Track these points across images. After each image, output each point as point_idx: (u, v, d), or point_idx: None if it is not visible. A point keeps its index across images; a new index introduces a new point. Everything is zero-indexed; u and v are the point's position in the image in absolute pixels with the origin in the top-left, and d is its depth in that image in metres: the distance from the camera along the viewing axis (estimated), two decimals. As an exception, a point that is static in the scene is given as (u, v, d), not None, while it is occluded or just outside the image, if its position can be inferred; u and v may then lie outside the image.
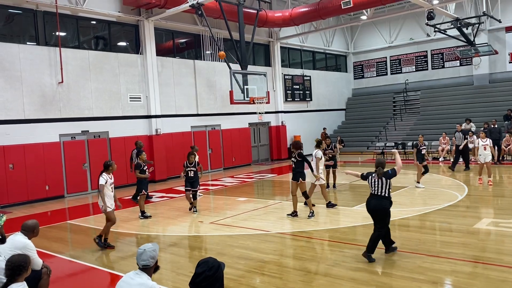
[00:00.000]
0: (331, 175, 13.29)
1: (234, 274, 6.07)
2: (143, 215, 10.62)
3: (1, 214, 4.70)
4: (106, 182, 7.96)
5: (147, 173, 10.83)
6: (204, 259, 3.09)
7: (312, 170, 9.90)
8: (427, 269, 5.91)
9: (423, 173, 12.88)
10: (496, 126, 18.25)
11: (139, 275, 3.48)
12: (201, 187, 13.69)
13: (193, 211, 10.81)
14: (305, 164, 9.55)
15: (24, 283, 3.79)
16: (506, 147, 17.49)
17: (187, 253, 7.43)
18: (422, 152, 13.05)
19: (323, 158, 10.89)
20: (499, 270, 5.71)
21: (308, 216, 9.44)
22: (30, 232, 5.12)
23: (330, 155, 12.95)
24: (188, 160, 10.86)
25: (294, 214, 9.67)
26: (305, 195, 9.65)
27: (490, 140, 13.22)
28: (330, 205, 10.42)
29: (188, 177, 10.76)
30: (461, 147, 15.76)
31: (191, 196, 10.84)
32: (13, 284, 3.66)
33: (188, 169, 10.78)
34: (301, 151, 9.66)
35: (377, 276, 5.97)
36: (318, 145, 10.76)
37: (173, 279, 6.21)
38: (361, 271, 6.03)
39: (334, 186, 13.40)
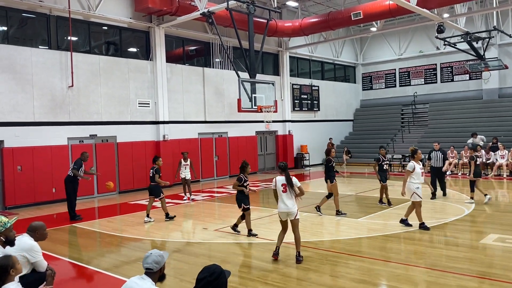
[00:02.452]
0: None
1: (237, 282, 6.05)
2: (168, 217, 10.91)
3: (15, 217, 4.71)
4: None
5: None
6: (208, 265, 3.10)
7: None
8: (432, 283, 5.85)
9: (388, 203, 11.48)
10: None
11: (143, 280, 3.48)
12: (194, 194, 14.63)
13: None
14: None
15: (18, 283, 3.77)
16: None
17: (191, 259, 7.42)
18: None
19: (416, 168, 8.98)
20: (505, 287, 5.64)
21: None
22: (34, 233, 5.12)
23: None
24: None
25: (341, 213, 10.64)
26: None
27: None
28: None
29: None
30: (444, 168, 13.10)
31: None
32: (6, 285, 3.67)
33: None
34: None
35: (381, 289, 5.92)
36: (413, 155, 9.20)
37: (176, 286, 6.20)
38: (365, 283, 5.99)
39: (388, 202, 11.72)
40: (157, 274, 3.55)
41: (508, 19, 22.55)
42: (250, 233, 8.96)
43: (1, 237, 4.48)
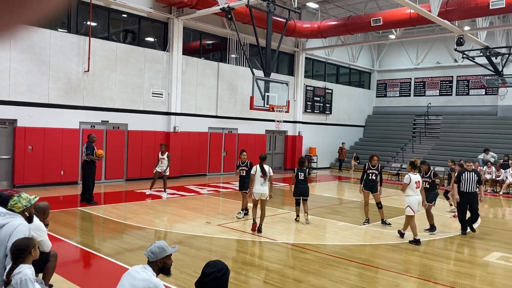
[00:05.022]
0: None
1: (236, 278, 6.08)
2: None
3: (35, 195, 4.79)
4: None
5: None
6: (213, 260, 3.13)
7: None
8: (431, 297, 5.82)
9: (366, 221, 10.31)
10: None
11: (145, 270, 3.51)
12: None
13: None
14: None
15: (31, 266, 3.81)
16: None
17: (192, 252, 7.46)
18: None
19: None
20: (505, 306, 5.59)
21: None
22: (41, 213, 5.18)
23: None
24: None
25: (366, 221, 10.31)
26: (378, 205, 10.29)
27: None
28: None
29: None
30: (481, 197, 9.85)
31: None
32: (22, 265, 3.70)
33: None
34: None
35: (379, 297, 5.91)
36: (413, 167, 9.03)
37: (176, 277, 6.23)
38: (364, 290, 5.97)
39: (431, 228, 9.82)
40: (155, 265, 3.57)
41: (530, 37, 22.27)
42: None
43: (26, 213, 4.59)
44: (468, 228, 9.72)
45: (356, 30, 19.98)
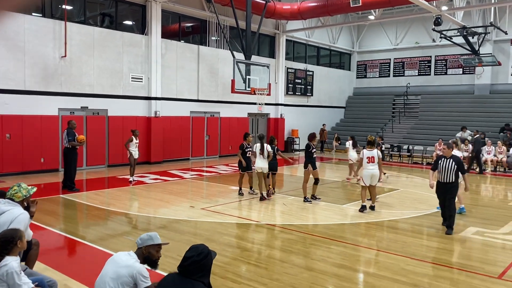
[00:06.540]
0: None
1: (221, 261, 6.18)
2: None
3: (32, 186, 4.83)
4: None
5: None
6: (196, 244, 3.19)
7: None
8: (410, 272, 6.02)
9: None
10: (478, 136, 17.39)
11: (129, 256, 3.56)
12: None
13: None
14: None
15: (18, 258, 3.81)
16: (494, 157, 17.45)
17: (176, 236, 7.52)
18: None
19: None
20: (481, 279, 5.83)
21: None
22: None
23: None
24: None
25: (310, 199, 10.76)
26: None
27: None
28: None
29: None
30: (460, 191, 9.08)
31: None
32: (8, 256, 3.69)
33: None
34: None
35: (360, 274, 6.09)
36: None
37: (160, 261, 6.29)
38: (345, 268, 6.15)
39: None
40: (141, 252, 3.62)
41: (505, 16, 22.60)
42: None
43: (24, 203, 4.62)
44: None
45: (335, 11, 19.97)
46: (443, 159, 8.26)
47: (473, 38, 21.44)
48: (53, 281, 4.29)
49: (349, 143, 14.27)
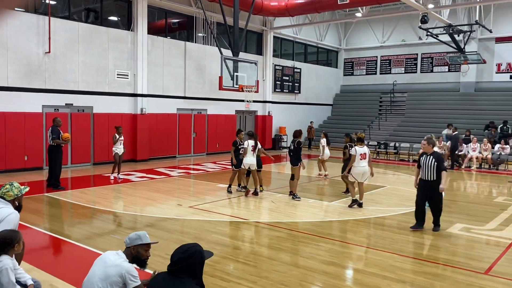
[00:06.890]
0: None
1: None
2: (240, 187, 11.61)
3: (25, 186, 4.73)
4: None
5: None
6: (186, 243, 3.14)
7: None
8: (398, 268, 6.05)
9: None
10: (456, 133, 17.75)
11: (117, 255, 3.49)
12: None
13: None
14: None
15: (13, 257, 3.79)
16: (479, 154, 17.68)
17: (164, 235, 7.44)
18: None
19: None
20: (467, 275, 5.88)
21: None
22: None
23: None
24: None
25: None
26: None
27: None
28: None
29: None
30: (441, 185, 7.99)
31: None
32: (3, 255, 3.67)
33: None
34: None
35: (349, 271, 6.09)
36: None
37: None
38: (334, 265, 6.14)
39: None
40: (129, 251, 3.55)
41: (490, 15, 22.87)
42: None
43: (16, 202, 4.51)
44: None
45: (323, 8, 19.98)
46: (424, 155, 8.08)
47: (458, 36, 21.64)
48: (37, 283, 4.21)
49: (324, 141, 14.58)
